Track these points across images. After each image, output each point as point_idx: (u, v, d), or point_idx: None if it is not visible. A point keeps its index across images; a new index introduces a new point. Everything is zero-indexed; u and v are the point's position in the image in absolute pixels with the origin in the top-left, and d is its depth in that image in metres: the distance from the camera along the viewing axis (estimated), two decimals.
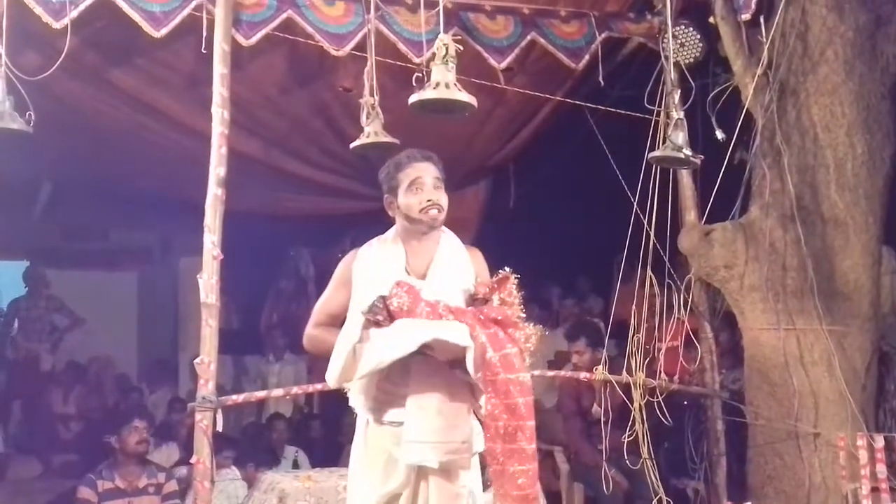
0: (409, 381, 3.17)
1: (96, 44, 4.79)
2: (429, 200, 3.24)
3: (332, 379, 3.20)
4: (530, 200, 7.28)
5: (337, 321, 3.27)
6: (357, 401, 3.30)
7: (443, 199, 3.28)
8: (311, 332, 3.39)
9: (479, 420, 3.20)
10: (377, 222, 3.61)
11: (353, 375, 3.13)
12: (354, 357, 3.10)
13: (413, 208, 3.26)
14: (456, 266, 3.33)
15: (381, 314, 3.07)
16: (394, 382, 3.19)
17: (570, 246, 8.03)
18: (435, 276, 3.28)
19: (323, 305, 3.40)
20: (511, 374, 3.05)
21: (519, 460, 3.07)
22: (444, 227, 3.40)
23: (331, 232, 8.64)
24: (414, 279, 3.24)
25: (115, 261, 9.69)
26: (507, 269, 3.20)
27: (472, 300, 3.23)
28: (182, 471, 5.85)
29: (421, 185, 3.26)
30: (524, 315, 3.19)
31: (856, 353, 4.86)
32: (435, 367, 3.14)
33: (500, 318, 3.13)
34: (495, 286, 3.19)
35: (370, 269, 3.28)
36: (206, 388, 4.19)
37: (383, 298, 3.09)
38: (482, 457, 3.26)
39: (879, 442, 4.35)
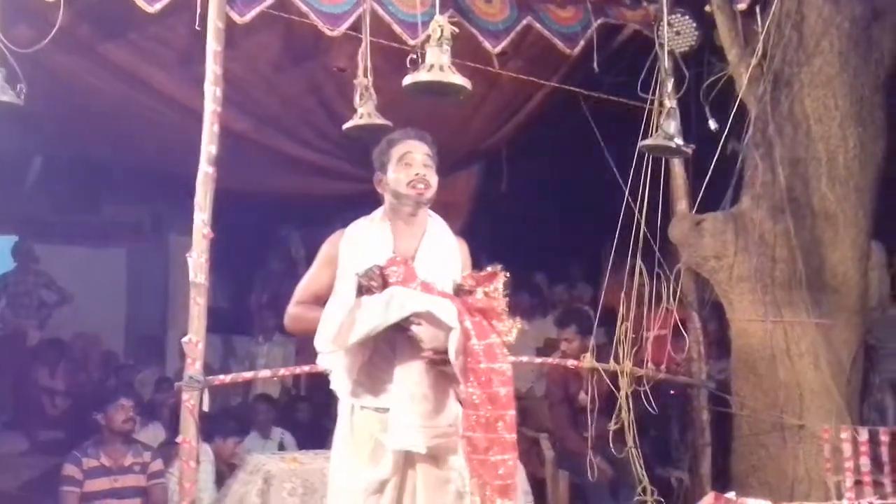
0: (393, 366, 3.17)
1: (90, 17, 4.75)
2: (416, 174, 3.24)
3: (323, 343, 3.15)
4: (522, 186, 7.25)
5: (320, 301, 3.24)
6: (340, 384, 3.28)
7: (431, 176, 3.28)
8: (293, 310, 3.38)
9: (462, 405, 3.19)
10: (369, 204, 3.59)
11: (345, 341, 3.09)
12: (347, 323, 3.07)
13: (401, 183, 3.26)
14: (444, 252, 3.33)
15: (376, 280, 3.08)
16: (378, 367, 3.19)
17: (560, 232, 8.03)
18: (423, 258, 3.27)
19: (307, 284, 3.40)
20: (493, 364, 3.06)
21: (500, 449, 3.07)
22: (431, 212, 3.40)
23: (322, 213, 8.58)
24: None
25: (105, 236, 9.63)
26: (498, 265, 3.20)
27: (457, 290, 3.22)
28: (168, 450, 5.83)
29: (411, 161, 3.27)
30: (507, 309, 3.19)
31: (842, 347, 4.88)
32: (420, 352, 3.13)
33: (483, 307, 3.13)
34: (482, 279, 3.19)
35: (356, 249, 3.27)
36: (194, 367, 4.17)
37: (379, 267, 3.10)
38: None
39: (863, 435, 4.36)
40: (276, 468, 4.45)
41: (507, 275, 3.19)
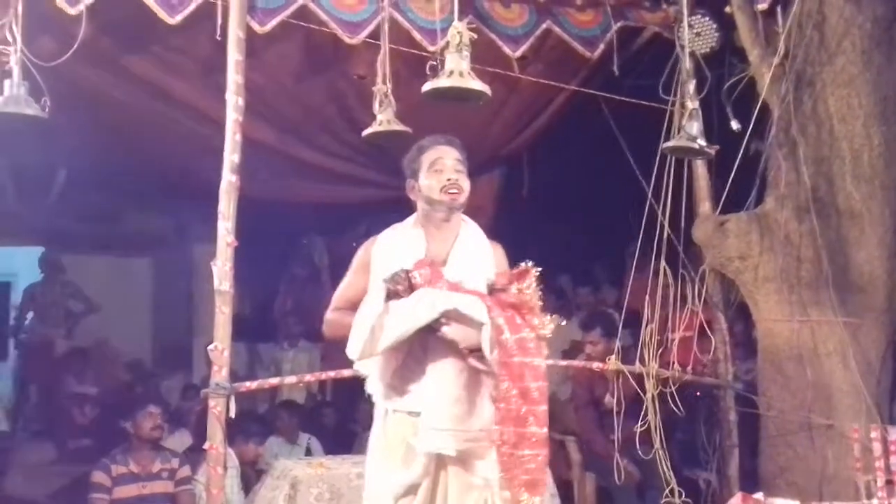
0: (425, 370, 3.20)
1: (112, 30, 4.80)
2: (448, 179, 3.27)
3: (353, 352, 3.18)
4: (544, 189, 7.25)
5: (356, 307, 3.25)
6: (374, 387, 3.32)
7: (464, 181, 3.31)
8: (330, 316, 3.41)
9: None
10: (391, 211, 3.62)
11: (375, 348, 3.14)
12: (377, 329, 3.11)
13: (434, 189, 3.29)
14: (477, 255, 3.35)
15: (403, 284, 3.11)
16: (410, 370, 3.22)
17: (584, 235, 8.02)
18: (455, 262, 3.30)
19: (342, 291, 3.42)
20: (526, 358, 3.07)
21: (529, 445, 3.07)
22: (465, 217, 3.42)
23: (345, 220, 8.64)
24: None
25: (130, 246, 9.70)
26: (529, 262, 3.21)
27: (490, 289, 3.24)
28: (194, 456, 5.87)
29: (442, 167, 3.30)
30: (541, 304, 3.20)
31: (870, 346, 4.84)
32: (452, 354, 3.15)
33: (515, 302, 3.14)
34: (514, 276, 3.20)
35: (389, 254, 3.29)
36: (220, 374, 4.20)
37: (406, 271, 3.13)
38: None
39: (893, 434, 4.33)
40: (302, 473, 4.47)
41: (539, 271, 3.20)
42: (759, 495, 1.95)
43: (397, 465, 3.24)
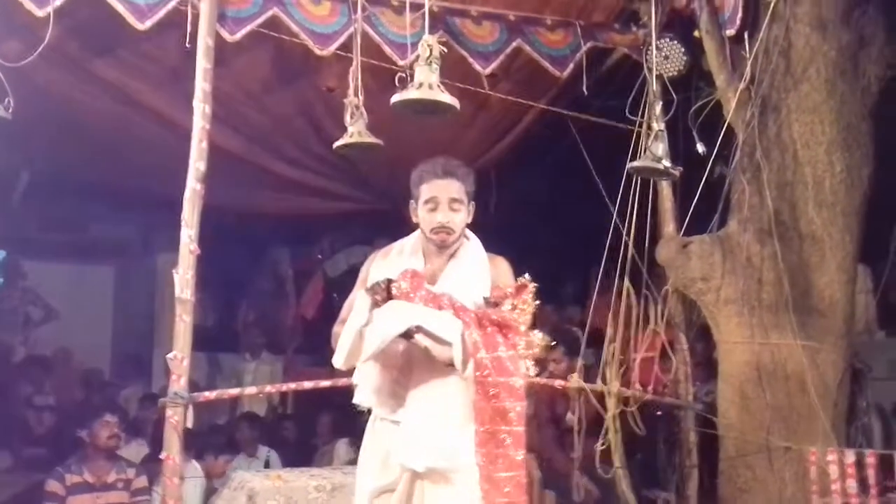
0: (411, 381, 3.23)
1: (80, 34, 4.78)
2: (439, 223, 3.29)
3: (338, 360, 3.22)
4: (511, 207, 7.27)
5: None
6: (366, 397, 3.33)
7: (456, 219, 3.32)
8: (335, 329, 3.40)
9: None
10: (357, 224, 3.62)
11: (358, 357, 3.17)
12: (360, 338, 3.13)
13: (426, 224, 3.33)
14: (470, 272, 3.35)
15: (381, 294, 3.13)
16: (399, 381, 3.25)
17: (550, 254, 8.03)
18: (447, 277, 3.31)
19: (347, 303, 3.43)
20: (502, 378, 3.07)
21: (506, 467, 3.07)
22: (469, 234, 3.45)
23: (310, 232, 8.63)
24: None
25: (92, 254, 9.60)
26: (527, 276, 3.21)
27: (485, 303, 3.24)
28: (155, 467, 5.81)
29: (436, 205, 3.31)
30: (532, 324, 3.20)
31: (829, 369, 4.87)
32: (437, 368, 3.16)
33: (500, 320, 3.13)
34: (510, 292, 3.20)
35: (386, 267, 3.33)
36: (178, 383, 4.16)
37: (388, 280, 3.16)
38: None
39: (850, 457, 4.36)
40: (260, 485, 4.43)
41: (535, 285, 3.20)
42: None
43: (376, 469, 3.29)
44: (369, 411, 3.40)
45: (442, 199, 3.31)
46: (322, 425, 7.22)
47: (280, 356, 8.45)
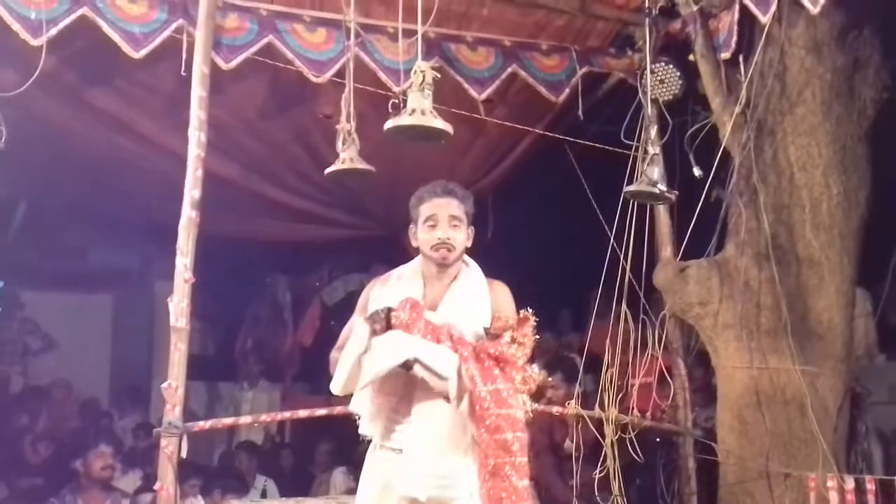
0: (412, 410, 3.22)
1: (75, 63, 4.78)
2: (439, 239, 3.28)
3: (335, 386, 3.22)
4: (509, 233, 7.25)
5: None
6: (366, 426, 3.33)
7: (457, 237, 3.32)
8: (333, 355, 3.39)
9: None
10: (355, 251, 3.61)
11: (356, 384, 3.17)
12: (357, 366, 3.13)
13: (426, 244, 3.32)
14: (470, 299, 3.33)
15: (380, 323, 3.13)
16: (400, 410, 3.24)
17: (547, 280, 8.01)
18: (447, 306, 3.30)
19: (345, 330, 3.42)
20: (502, 410, 3.07)
21: (511, 498, 3.06)
22: (469, 260, 3.45)
23: (309, 259, 8.62)
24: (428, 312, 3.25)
25: (91, 283, 9.57)
26: (529, 310, 3.19)
27: (486, 334, 3.24)
28: (147, 498, 5.76)
29: (435, 223, 3.32)
30: (529, 358, 3.19)
31: (828, 394, 4.84)
32: (437, 397, 3.16)
33: (497, 355, 3.12)
34: (511, 325, 3.19)
35: (386, 294, 3.31)
36: (173, 413, 4.12)
37: (388, 309, 3.15)
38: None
39: (850, 483, 4.32)
40: None
41: (536, 319, 3.20)
42: None
43: (374, 497, 3.27)
44: (370, 440, 3.38)
45: (441, 216, 3.32)
46: (320, 454, 7.17)
47: (278, 384, 8.42)
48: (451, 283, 3.36)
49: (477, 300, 3.34)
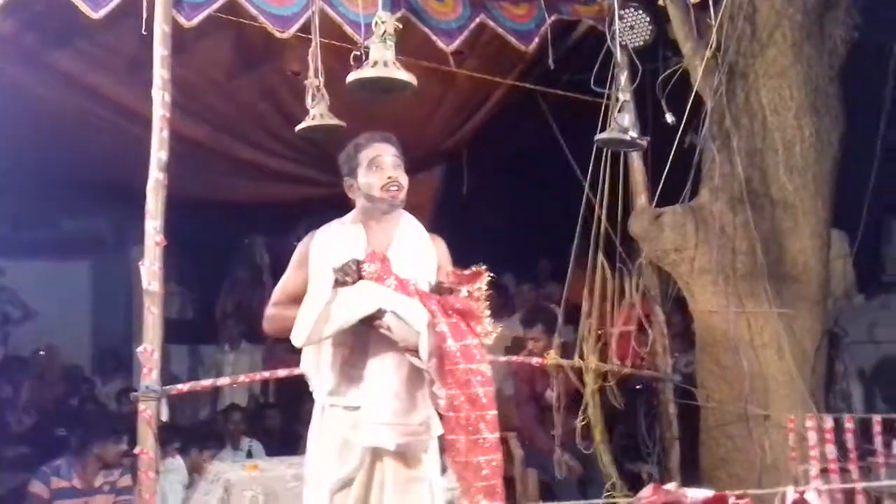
0: (367, 364, 3.18)
1: (35, 26, 4.71)
2: (389, 177, 3.25)
3: (299, 337, 3.14)
4: (484, 186, 7.23)
5: (295, 301, 3.22)
6: (318, 383, 3.28)
7: (403, 177, 3.29)
8: (269, 311, 3.36)
9: (438, 412, 3.18)
10: (332, 208, 3.57)
11: (321, 334, 3.11)
12: (323, 315, 3.09)
13: (374, 187, 3.26)
14: (417, 249, 3.31)
15: (352, 275, 3.09)
16: (351, 365, 3.20)
17: (525, 231, 8.01)
18: (396, 256, 3.25)
19: (281, 286, 3.38)
20: (472, 364, 3.05)
21: (482, 451, 3.05)
22: (405, 212, 3.40)
23: (285, 219, 8.54)
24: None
25: (66, 250, 9.51)
26: (482, 265, 3.18)
27: (439, 289, 3.21)
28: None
29: (381, 164, 3.27)
30: (487, 310, 3.18)
31: (805, 336, 4.88)
32: (393, 349, 3.13)
33: (463, 308, 3.11)
34: (466, 278, 3.17)
35: (328, 249, 3.25)
36: (150, 377, 4.10)
37: (357, 261, 3.11)
38: (440, 443, 3.24)
39: (828, 423, 4.35)
40: (236, 476, 4.38)
41: (491, 275, 3.17)
42: (671, 485, 1.95)
43: (333, 459, 3.21)
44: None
45: (386, 157, 3.29)
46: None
47: (259, 345, 8.39)
48: (395, 230, 3.33)
49: (423, 250, 3.33)
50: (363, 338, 3.17)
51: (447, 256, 3.38)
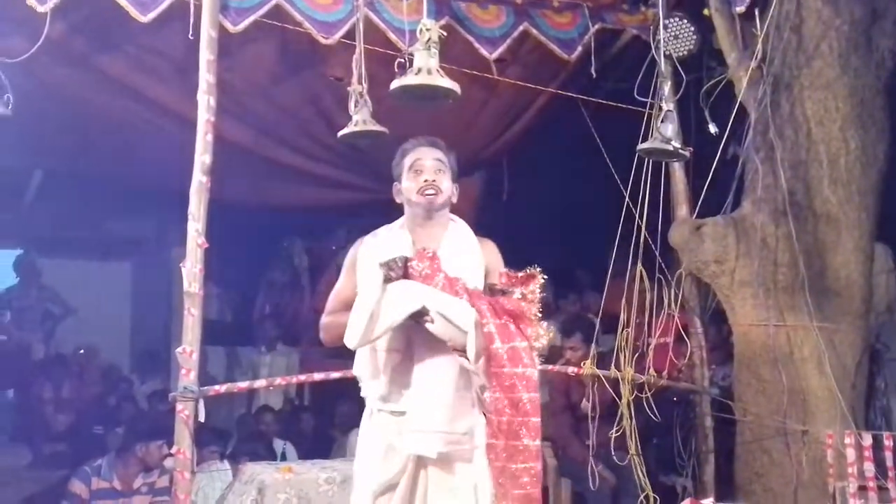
0: (415, 369, 3.18)
1: (84, 29, 4.75)
2: (425, 181, 3.25)
3: (351, 338, 3.14)
4: (525, 194, 7.22)
5: (349, 308, 3.22)
6: (370, 388, 3.30)
7: (443, 181, 3.29)
8: (324, 320, 3.38)
9: (484, 414, 3.18)
10: (372, 213, 3.59)
11: (372, 334, 3.11)
12: (375, 314, 3.08)
13: (412, 191, 3.28)
14: (464, 254, 3.30)
15: (397, 271, 3.07)
16: (402, 371, 3.20)
17: (565, 240, 7.97)
18: (441, 259, 3.23)
19: (334, 294, 3.41)
20: (517, 369, 3.03)
21: (522, 458, 3.04)
22: (454, 216, 3.41)
23: (325, 223, 8.61)
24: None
25: (108, 250, 9.63)
26: (537, 267, 3.18)
27: (492, 290, 3.21)
28: (171, 462, 5.80)
29: (421, 168, 3.29)
30: (540, 314, 3.17)
31: (846, 351, 4.82)
32: (442, 355, 3.12)
33: (513, 310, 3.10)
34: (520, 280, 3.17)
35: (375, 253, 3.26)
36: (188, 377, 4.14)
37: (405, 258, 3.11)
38: None
39: (867, 440, 4.30)
40: (270, 478, 4.39)
41: (545, 277, 3.16)
42: (707, 501, 1.93)
43: (377, 462, 3.23)
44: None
45: (426, 161, 3.29)
46: (339, 416, 7.19)
47: (295, 348, 8.44)
48: (442, 235, 3.32)
49: (469, 255, 3.31)
50: (412, 342, 3.18)
51: (498, 260, 3.36)
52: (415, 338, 3.16)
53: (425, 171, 3.27)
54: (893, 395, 5.89)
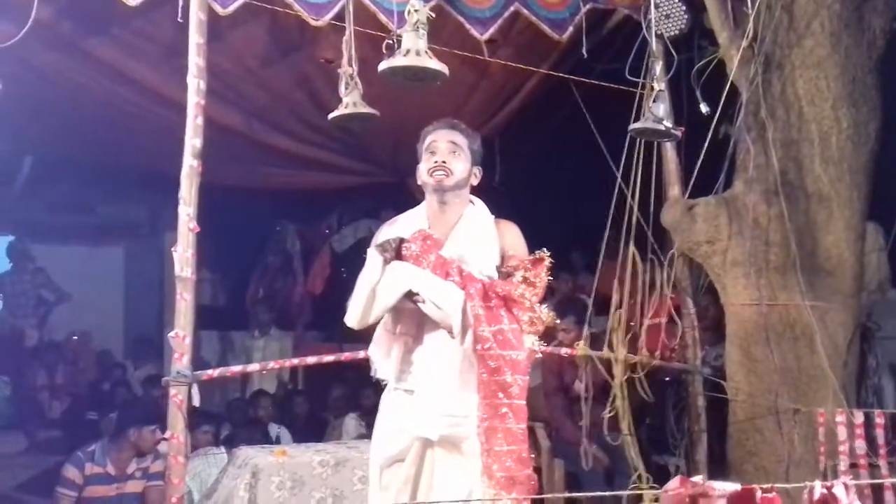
0: (423, 350, 3.25)
1: (72, 13, 4.74)
2: (435, 161, 3.28)
3: (351, 318, 3.24)
4: (517, 176, 7.21)
5: None
6: (382, 369, 3.37)
7: (456, 163, 3.31)
8: (350, 303, 3.40)
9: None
10: (363, 196, 3.60)
11: (370, 315, 3.19)
12: (373, 295, 3.16)
13: (424, 172, 3.33)
14: (476, 238, 3.32)
15: (389, 252, 3.13)
16: (411, 351, 3.27)
17: (558, 222, 7.97)
18: (454, 241, 3.29)
19: (359, 280, 3.41)
20: (504, 351, 3.07)
21: (506, 440, 3.07)
22: (476, 200, 3.45)
23: (318, 207, 8.61)
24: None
25: (101, 236, 9.63)
26: (545, 251, 3.17)
27: (498, 272, 3.24)
28: (165, 447, 5.80)
29: (434, 150, 3.34)
30: (541, 297, 3.18)
31: (838, 329, 4.81)
32: (445, 337, 3.17)
33: (506, 294, 3.11)
34: (525, 264, 3.17)
35: (392, 235, 3.30)
36: (181, 362, 4.12)
37: (399, 239, 3.18)
38: None
39: (859, 418, 4.30)
40: (263, 462, 4.41)
41: (552, 261, 3.20)
42: (698, 478, 1.94)
43: (386, 438, 3.31)
44: (385, 384, 3.41)
45: (441, 143, 3.33)
46: (332, 400, 7.21)
47: (289, 332, 8.46)
48: (458, 217, 3.34)
49: (483, 239, 3.33)
50: (421, 324, 3.24)
51: (515, 242, 3.38)
52: (424, 321, 3.21)
53: (438, 152, 3.31)
54: (885, 373, 5.92)
